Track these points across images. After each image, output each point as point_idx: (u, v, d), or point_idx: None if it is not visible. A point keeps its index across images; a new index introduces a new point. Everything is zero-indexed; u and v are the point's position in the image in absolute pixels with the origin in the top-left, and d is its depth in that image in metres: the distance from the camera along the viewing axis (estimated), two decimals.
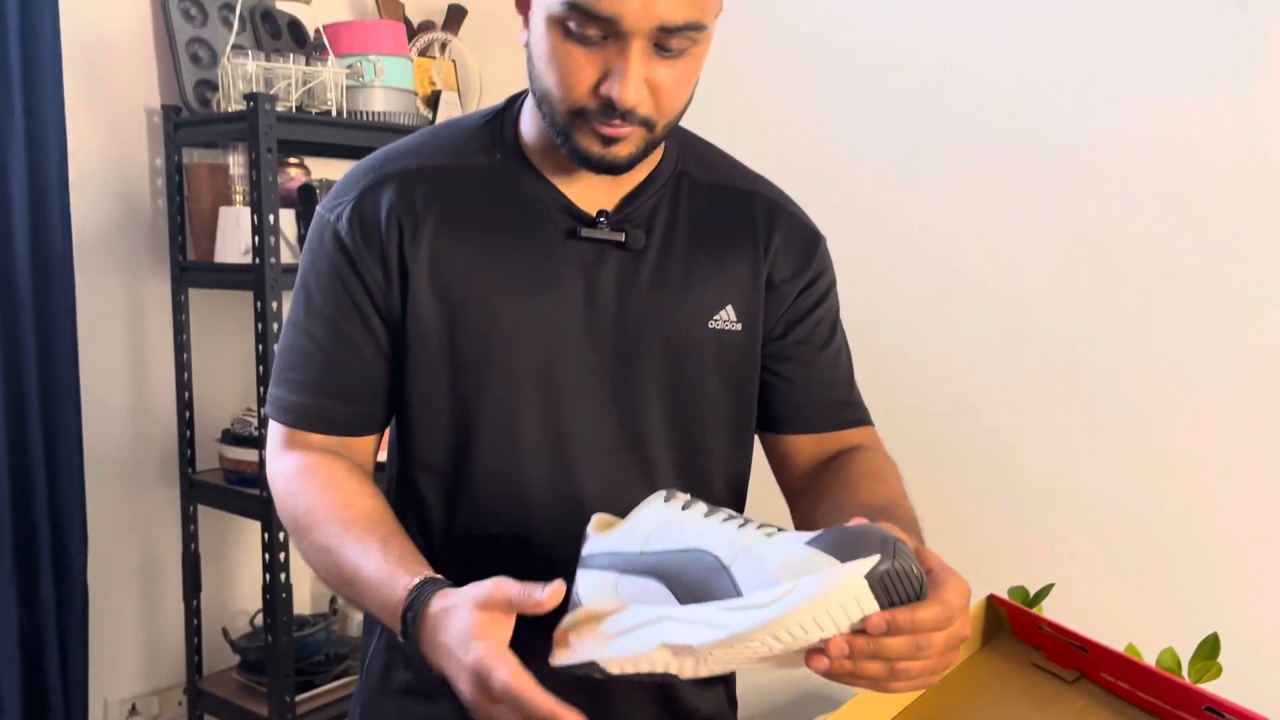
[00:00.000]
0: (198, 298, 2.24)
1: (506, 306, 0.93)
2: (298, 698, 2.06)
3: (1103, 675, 0.86)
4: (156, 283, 2.20)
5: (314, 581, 2.52)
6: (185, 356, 2.20)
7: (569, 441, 0.95)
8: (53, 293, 1.95)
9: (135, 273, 2.18)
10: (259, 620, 2.19)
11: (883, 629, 0.66)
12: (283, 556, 2.00)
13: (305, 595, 2.50)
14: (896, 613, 0.66)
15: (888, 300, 1.95)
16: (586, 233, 0.94)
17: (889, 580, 0.66)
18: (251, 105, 1.93)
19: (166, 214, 2.19)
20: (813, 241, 1.03)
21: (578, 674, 0.71)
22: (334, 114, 2.12)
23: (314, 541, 0.88)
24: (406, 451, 0.98)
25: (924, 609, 0.67)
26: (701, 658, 0.68)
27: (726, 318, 0.98)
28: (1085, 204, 1.72)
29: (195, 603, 2.25)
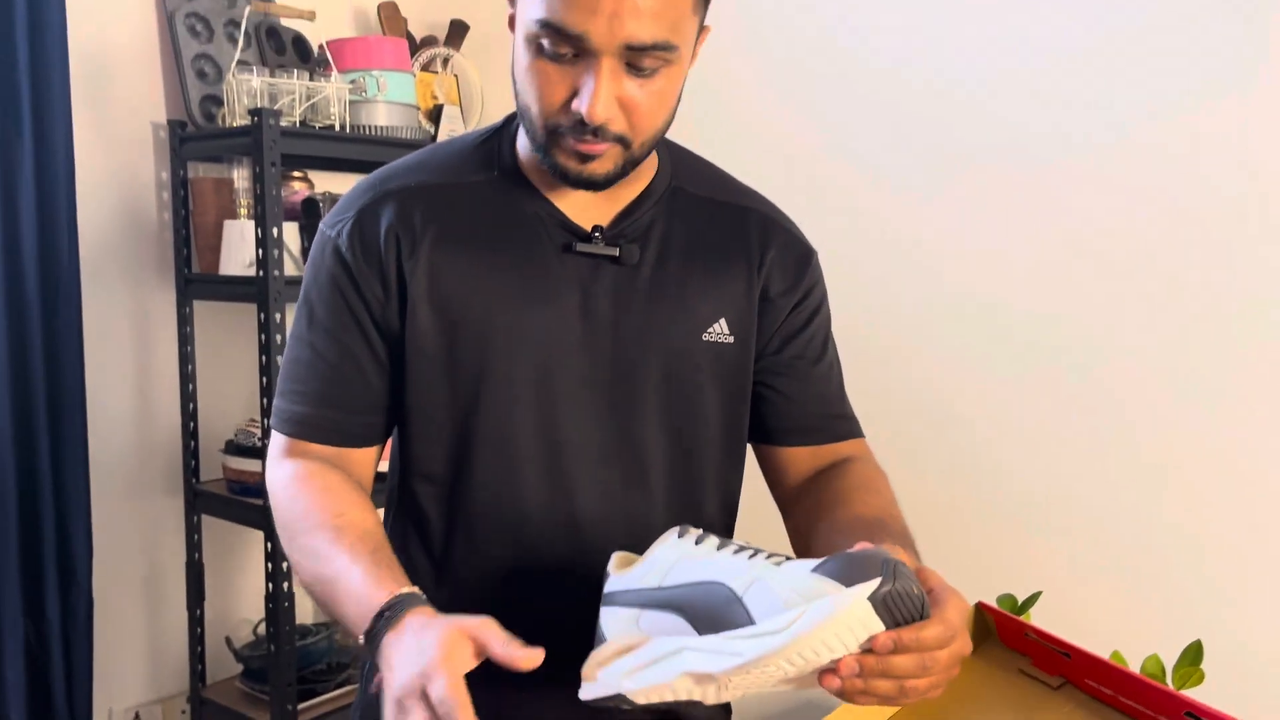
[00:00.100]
0: (202, 309, 2.26)
1: (503, 320, 0.95)
2: (300, 706, 2.07)
3: (1086, 681, 0.87)
4: (162, 295, 2.22)
5: None
6: (190, 368, 2.23)
7: (565, 451, 0.96)
8: (60, 304, 1.97)
9: (141, 285, 2.20)
10: (262, 629, 2.21)
11: (889, 648, 0.69)
12: (285, 566, 2.01)
13: (308, 604, 2.50)
14: (902, 632, 0.69)
15: (882, 308, 1.96)
16: (582, 248, 0.96)
17: (891, 601, 0.69)
18: (256, 120, 1.95)
19: (172, 227, 2.21)
20: (805, 257, 1.05)
21: (607, 706, 0.74)
22: (337, 129, 2.14)
23: (304, 544, 0.89)
24: (406, 462, 1.00)
25: (928, 628, 0.70)
26: (722, 684, 0.72)
27: (720, 331, 1.00)
28: (1081, 212, 1.74)
29: (199, 612, 2.27)
